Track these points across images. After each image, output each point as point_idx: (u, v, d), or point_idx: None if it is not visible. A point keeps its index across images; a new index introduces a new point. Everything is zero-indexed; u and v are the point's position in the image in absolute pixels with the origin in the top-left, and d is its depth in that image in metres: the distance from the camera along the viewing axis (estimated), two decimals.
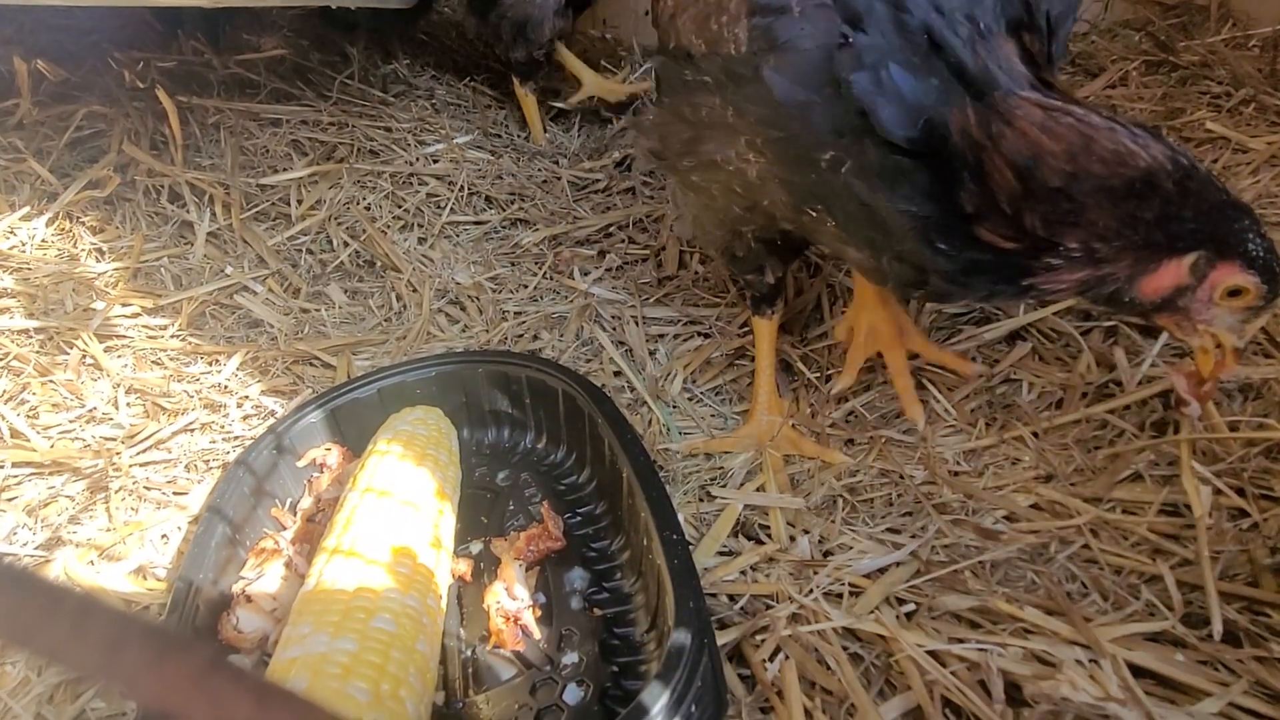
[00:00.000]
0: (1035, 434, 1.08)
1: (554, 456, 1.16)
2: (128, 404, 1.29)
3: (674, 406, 1.25)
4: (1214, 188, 0.74)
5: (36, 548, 1.07)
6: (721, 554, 1.01)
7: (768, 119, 0.85)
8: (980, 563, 0.93)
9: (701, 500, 1.09)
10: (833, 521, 1.02)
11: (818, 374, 1.26)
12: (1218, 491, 0.94)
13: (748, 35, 0.84)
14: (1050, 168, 0.75)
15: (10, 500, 1.13)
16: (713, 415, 1.24)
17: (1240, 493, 0.94)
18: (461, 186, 1.77)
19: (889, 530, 1.00)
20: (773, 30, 0.81)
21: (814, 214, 0.90)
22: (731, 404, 1.26)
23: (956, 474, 1.06)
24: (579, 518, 1.06)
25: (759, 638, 0.88)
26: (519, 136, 2.02)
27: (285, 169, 1.82)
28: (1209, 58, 1.73)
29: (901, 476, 1.06)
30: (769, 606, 0.92)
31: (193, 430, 1.25)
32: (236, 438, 1.24)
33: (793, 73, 0.81)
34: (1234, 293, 0.75)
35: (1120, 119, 0.76)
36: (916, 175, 0.79)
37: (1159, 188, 0.73)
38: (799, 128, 0.83)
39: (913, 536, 0.98)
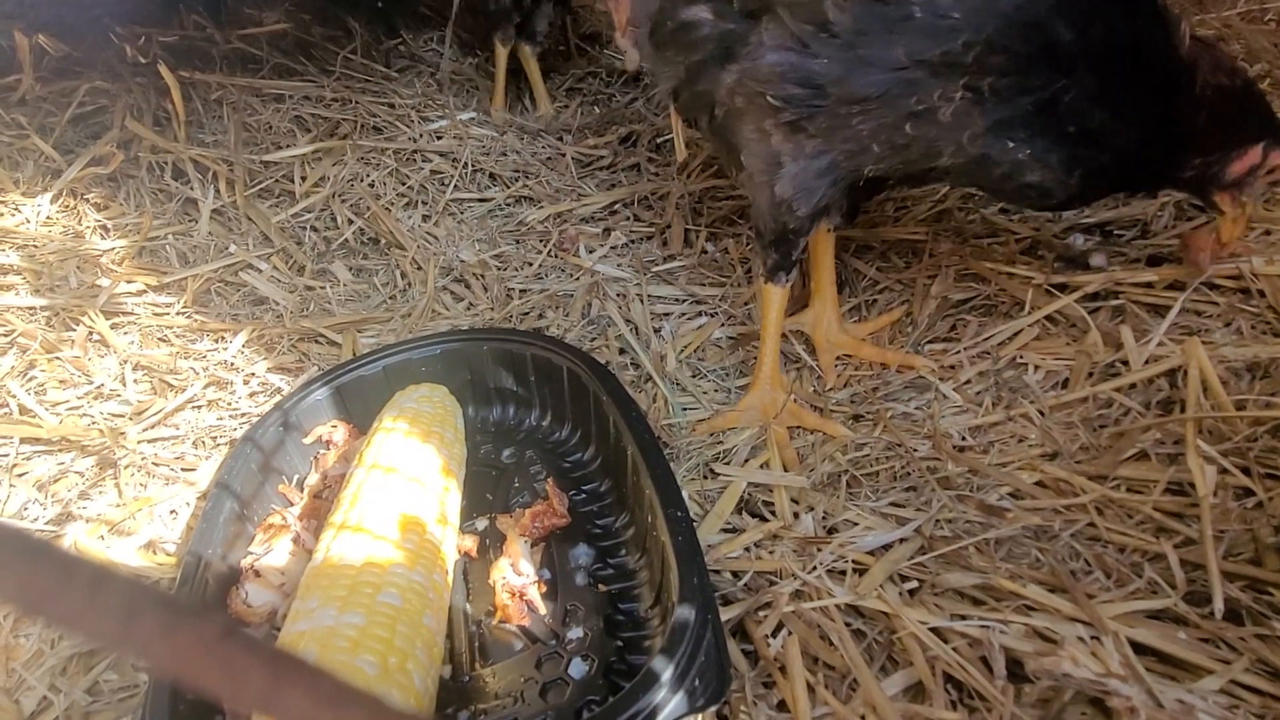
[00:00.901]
0: (1041, 412, 1.08)
1: (559, 434, 1.16)
2: (135, 381, 1.30)
3: (678, 384, 1.25)
4: (1266, 101, 1.04)
5: (47, 523, 1.08)
6: (725, 531, 1.01)
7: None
8: (985, 540, 0.93)
9: (706, 477, 1.09)
10: (836, 496, 1.02)
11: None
12: (1224, 470, 0.94)
13: None
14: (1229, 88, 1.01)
15: (20, 476, 1.14)
16: (716, 390, 1.25)
17: (1246, 472, 0.94)
18: (466, 163, 1.77)
19: (893, 505, 1.00)
20: None
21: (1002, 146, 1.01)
22: (734, 379, 1.26)
23: (962, 450, 1.06)
24: (584, 495, 1.06)
25: (762, 614, 0.89)
26: (524, 112, 2.01)
27: (289, 145, 1.81)
28: (1224, 32, 1.70)
29: (905, 449, 1.07)
30: (772, 583, 0.93)
31: (200, 407, 1.26)
32: (243, 414, 1.25)
33: None
34: (1273, 169, 1.03)
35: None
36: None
37: (1255, 96, 1.02)
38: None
39: (917, 510, 0.98)
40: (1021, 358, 1.17)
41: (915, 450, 1.06)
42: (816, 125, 1.01)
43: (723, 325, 1.36)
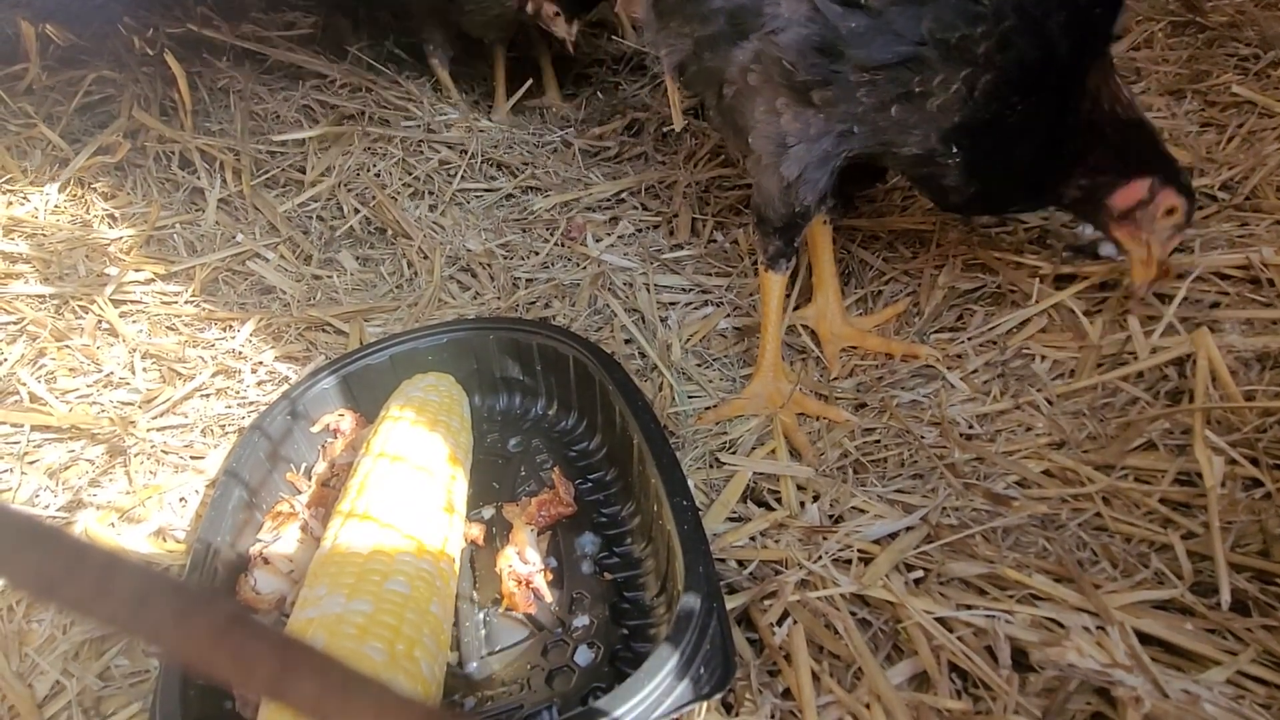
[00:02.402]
0: (1049, 401, 1.07)
1: (565, 423, 1.16)
2: (144, 369, 1.31)
3: (684, 373, 1.25)
4: (1160, 140, 1.07)
5: (58, 510, 1.09)
6: (731, 520, 1.01)
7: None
8: (991, 529, 0.93)
9: (711, 466, 1.09)
10: (844, 482, 1.02)
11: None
12: (1232, 461, 0.94)
13: None
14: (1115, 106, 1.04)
15: (31, 464, 1.15)
16: (721, 379, 1.25)
17: (1254, 462, 0.93)
18: (473, 154, 1.76)
19: (900, 492, 1.00)
20: None
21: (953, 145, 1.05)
22: (740, 368, 1.26)
23: (969, 438, 1.06)
24: (590, 483, 1.06)
25: (767, 603, 0.89)
26: (531, 103, 2.00)
27: (296, 132, 1.81)
28: (1237, 18, 1.68)
29: (913, 435, 1.07)
30: (778, 572, 0.93)
31: (208, 395, 1.27)
32: (251, 403, 1.25)
33: None
34: (1169, 211, 1.04)
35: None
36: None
37: (1145, 129, 1.05)
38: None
39: (923, 496, 0.98)
40: (1028, 347, 1.16)
41: (923, 437, 1.06)
42: (823, 95, 1.01)
43: (728, 315, 1.36)
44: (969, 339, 1.20)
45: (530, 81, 1.97)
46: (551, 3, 1.76)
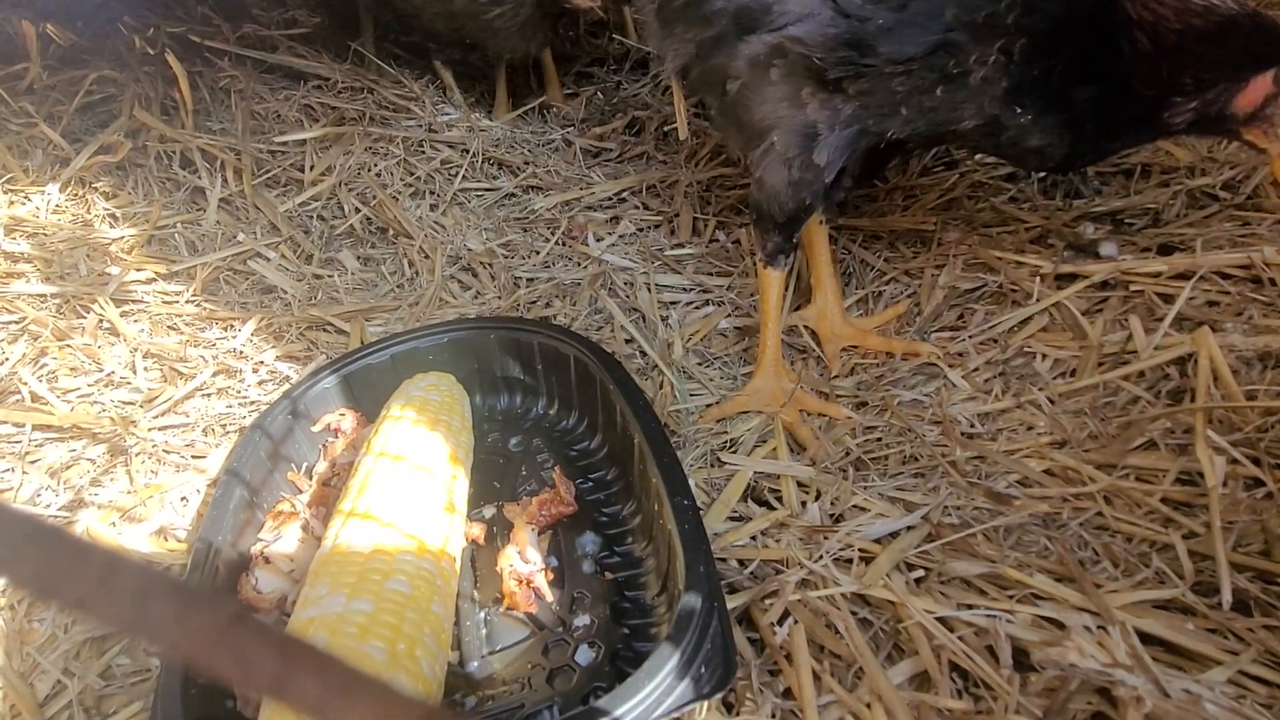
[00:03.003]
0: (1051, 400, 1.07)
1: (566, 422, 1.16)
2: (145, 368, 1.31)
3: (684, 372, 1.25)
4: (1274, 23, 0.97)
5: (59, 509, 1.09)
6: (732, 519, 1.01)
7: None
8: (993, 527, 0.93)
9: (712, 465, 1.09)
10: (846, 479, 1.02)
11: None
12: (1233, 461, 0.94)
13: None
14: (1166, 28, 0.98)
15: (33, 463, 1.15)
16: (723, 379, 1.25)
17: (1256, 462, 0.93)
18: (475, 153, 1.76)
19: (900, 489, 1.00)
20: None
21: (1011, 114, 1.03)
22: (741, 366, 1.26)
23: (970, 436, 1.06)
24: (590, 483, 1.06)
25: (768, 602, 0.89)
26: (532, 102, 2.00)
27: (298, 132, 1.81)
28: None
29: (915, 433, 1.07)
30: (779, 571, 0.93)
31: (209, 395, 1.27)
32: (252, 403, 1.25)
33: None
34: None
35: None
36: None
37: (1239, 25, 0.96)
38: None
39: (925, 495, 0.98)
40: (1029, 346, 1.16)
41: (923, 436, 1.06)
42: (858, 87, 1.01)
43: (729, 315, 1.36)
44: (970, 338, 1.20)
45: (542, 99, 1.98)
46: None
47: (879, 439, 1.09)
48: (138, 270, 1.49)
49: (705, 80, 1.14)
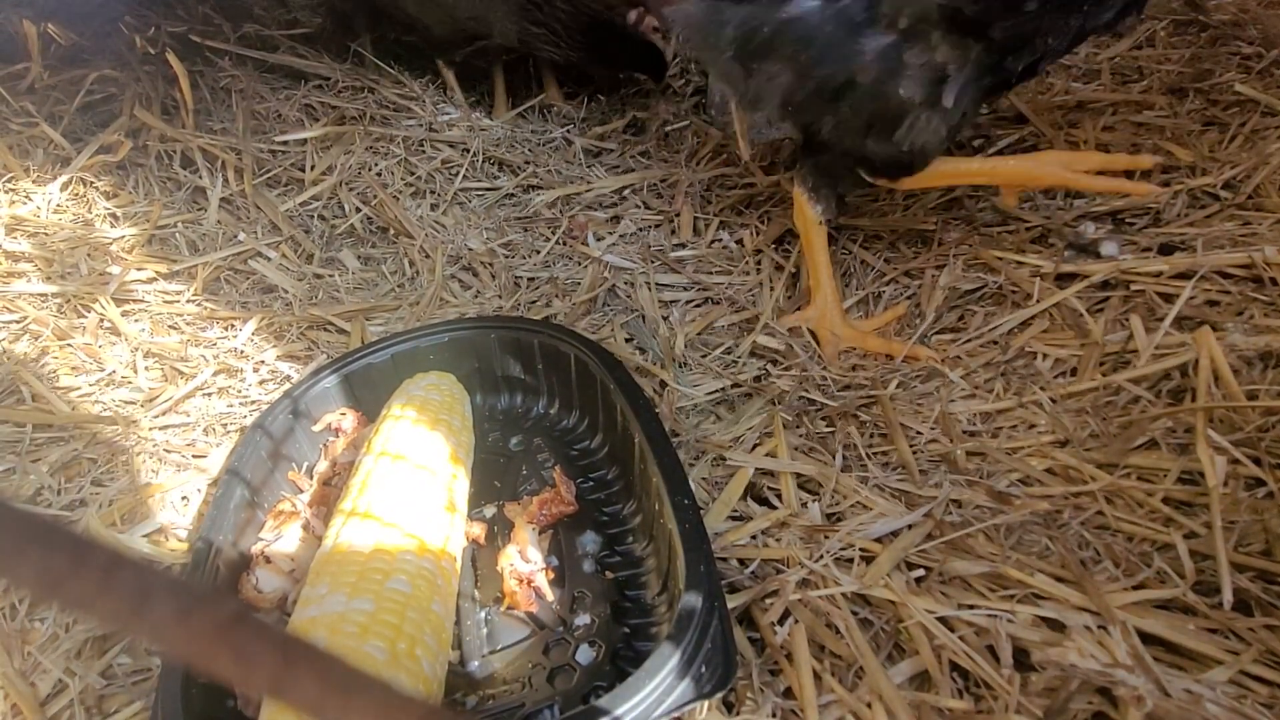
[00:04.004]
0: (1053, 399, 1.07)
1: (566, 422, 1.16)
2: (146, 368, 1.31)
3: (685, 367, 1.25)
4: None
5: (60, 509, 1.09)
6: (732, 518, 1.01)
7: None
8: (994, 526, 0.93)
9: (713, 465, 1.09)
10: (847, 472, 1.02)
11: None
12: (1234, 461, 0.93)
13: None
14: None
15: (34, 462, 1.15)
16: (725, 370, 1.25)
17: (1257, 462, 0.93)
18: (475, 153, 1.76)
19: (901, 486, 1.00)
20: None
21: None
22: (742, 361, 1.26)
23: (971, 434, 1.06)
24: (591, 482, 1.07)
25: (768, 601, 0.89)
26: (533, 101, 2.00)
27: (298, 132, 1.81)
28: (1241, 16, 1.68)
29: (913, 429, 1.07)
30: (779, 571, 0.93)
31: (210, 394, 1.27)
32: (253, 402, 1.25)
33: None
34: None
35: None
36: None
37: None
38: None
39: (926, 491, 0.98)
40: (1030, 345, 1.16)
41: (921, 434, 1.06)
42: (1004, 31, 1.01)
43: (728, 313, 1.36)
44: (970, 338, 1.20)
45: (541, 98, 1.98)
46: (653, 16, 1.78)
47: (883, 435, 1.09)
48: (138, 270, 1.50)
49: (821, 94, 1.10)
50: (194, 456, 1.17)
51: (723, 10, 1.08)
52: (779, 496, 1.03)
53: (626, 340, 1.33)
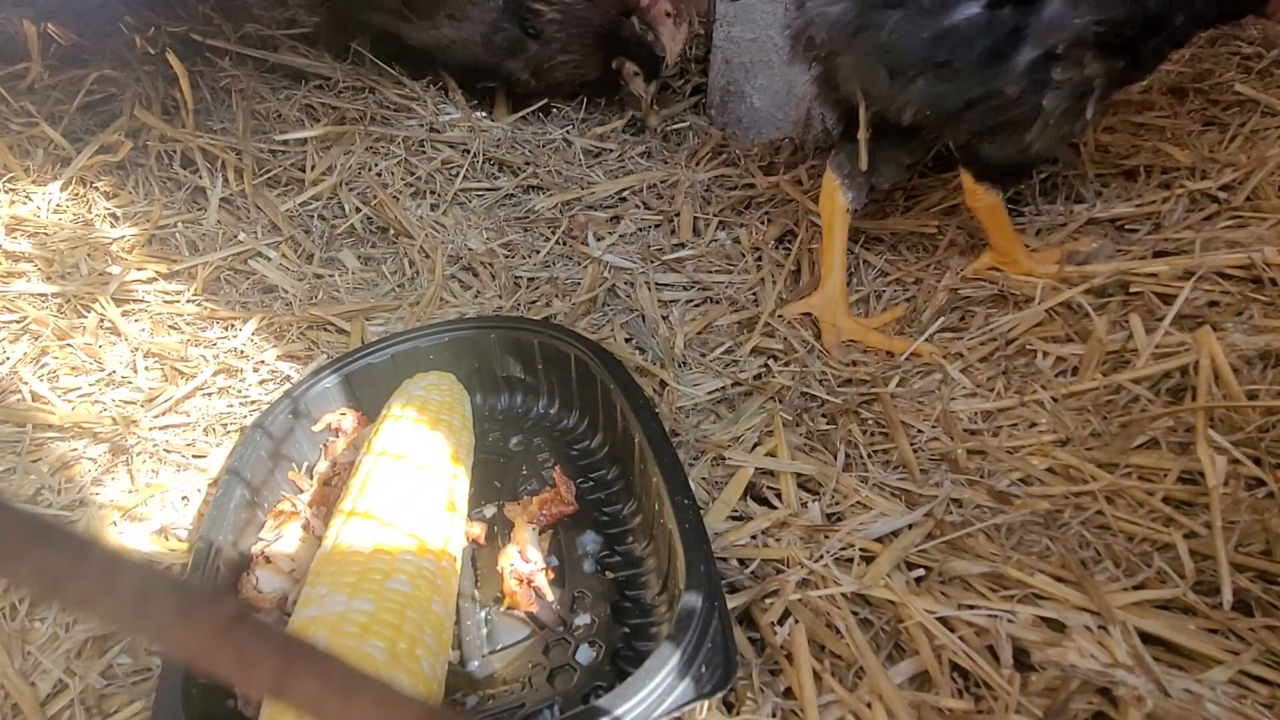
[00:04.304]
0: (1054, 399, 1.07)
1: (566, 422, 1.16)
2: (146, 368, 1.31)
3: (685, 366, 1.25)
4: None
5: (61, 509, 1.09)
6: (732, 518, 1.01)
7: None
8: (994, 526, 0.93)
9: (714, 465, 1.09)
10: (848, 471, 1.02)
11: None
12: (1235, 460, 0.93)
13: None
14: None
15: (35, 462, 1.15)
16: (725, 368, 1.25)
17: (1257, 462, 0.93)
18: (475, 153, 1.76)
19: (902, 483, 1.00)
20: None
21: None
22: (743, 357, 1.26)
23: (972, 433, 1.06)
24: (591, 482, 1.07)
25: (768, 601, 0.89)
26: (534, 102, 2.00)
27: (298, 132, 1.81)
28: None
29: (914, 428, 1.07)
30: (779, 571, 0.93)
31: (210, 394, 1.27)
32: (253, 402, 1.25)
33: None
34: None
35: None
36: None
37: None
38: None
39: (926, 490, 0.98)
40: (1030, 343, 1.16)
41: (922, 432, 1.06)
42: (1136, 53, 1.09)
43: (727, 311, 1.36)
44: (971, 337, 1.20)
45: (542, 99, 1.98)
46: (632, 62, 1.81)
47: (884, 434, 1.09)
48: (139, 270, 1.50)
49: (962, 103, 1.12)
50: (194, 456, 1.17)
51: (874, 14, 1.09)
52: (779, 496, 1.03)
53: (626, 340, 1.33)
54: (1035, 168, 1.25)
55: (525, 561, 0.92)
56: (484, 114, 1.94)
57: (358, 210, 1.64)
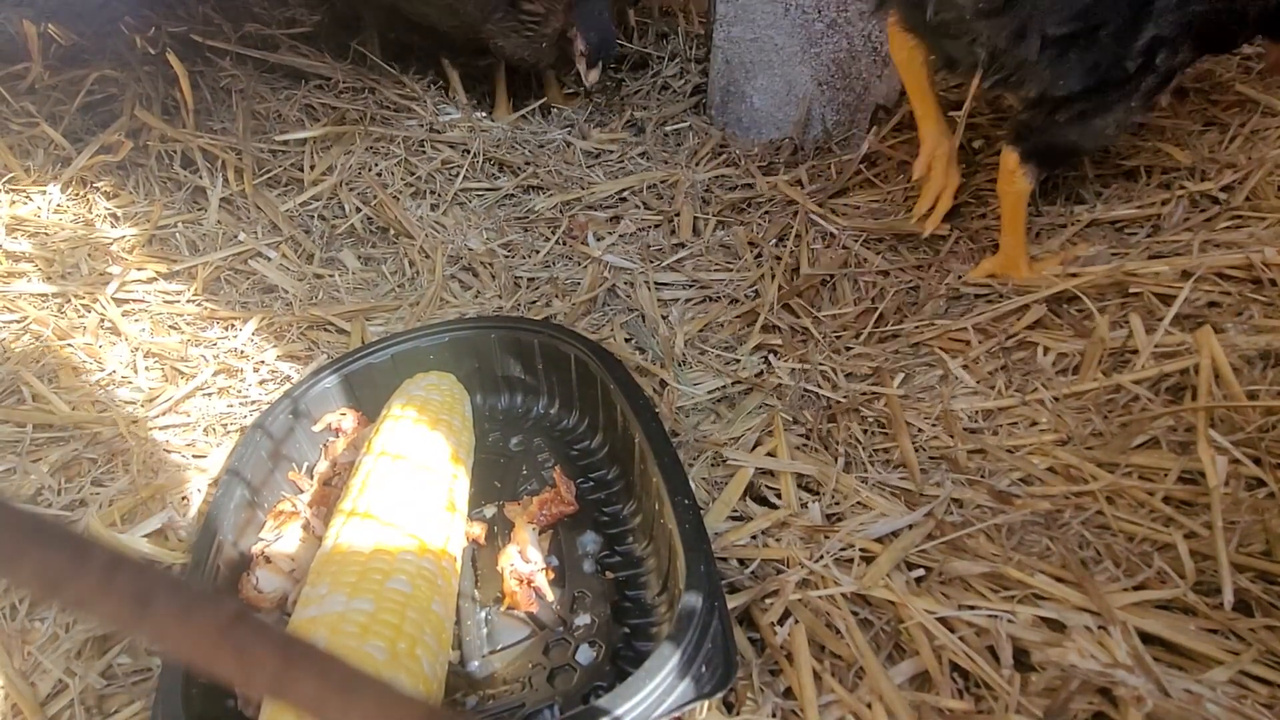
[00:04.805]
0: (1056, 398, 1.07)
1: (566, 422, 1.16)
2: (146, 368, 1.31)
3: (686, 364, 1.25)
4: None
5: (60, 509, 1.09)
6: (733, 518, 1.01)
7: None
8: (995, 526, 0.93)
9: (714, 465, 1.09)
10: (848, 471, 1.02)
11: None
12: (1235, 460, 0.93)
13: None
14: None
15: (35, 462, 1.15)
16: (726, 365, 1.25)
17: (1257, 462, 0.93)
18: (476, 153, 1.76)
19: (902, 485, 1.00)
20: None
21: None
22: (741, 351, 1.26)
23: (972, 432, 1.06)
24: (591, 482, 1.07)
25: (769, 601, 0.89)
26: (534, 104, 2.00)
27: (298, 132, 1.81)
28: None
29: (914, 426, 1.07)
30: (779, 571, 0.93)
31: (210, 394, 1.27)
32: (253, 402, 1.25)
33: None
34: None
35: None
36: None
37: None
38: None
39: (927, 490, 0.98)
40: (1031, 338, 1.16)
41: (922, 431, 1.06)
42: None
43: (727, 308, 1.36)
44: (972, 337, 1.20)
45: (542, 100, 1.98)
46: (584, 41, 1.80)
47: (885, 432, 1.09)
48: (139, 270, 1.50)
49: (1096, 79, 1.13)
50: (194, 456, 1.17)
51: None
52: (779, 496, 1.03)
53: (626, 340, 1.33)
54: (1085, 155, 1.25)
55: (525, 561, 0.92)
56: (484, 114, 1.94)
57: (358, 210, 1.64)
